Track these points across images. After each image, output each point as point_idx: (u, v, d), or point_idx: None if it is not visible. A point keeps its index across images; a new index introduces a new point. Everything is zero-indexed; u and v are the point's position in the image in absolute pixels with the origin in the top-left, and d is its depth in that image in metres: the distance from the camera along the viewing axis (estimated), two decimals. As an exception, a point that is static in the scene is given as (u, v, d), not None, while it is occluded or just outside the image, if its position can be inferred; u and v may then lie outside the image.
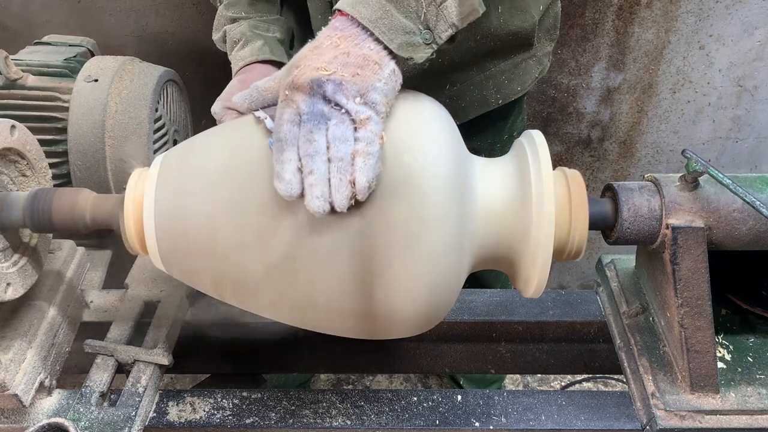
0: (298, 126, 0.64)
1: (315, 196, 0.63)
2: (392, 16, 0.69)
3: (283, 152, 0.64)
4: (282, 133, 0.64)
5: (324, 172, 0.63)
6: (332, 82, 0.64)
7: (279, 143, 0.64)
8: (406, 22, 0.70)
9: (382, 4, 0.69)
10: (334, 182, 0.63)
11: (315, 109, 0.64)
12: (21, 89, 1.12)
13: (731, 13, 1.60)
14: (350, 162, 0.63)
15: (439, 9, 0.71)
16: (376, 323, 0.70)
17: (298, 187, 0.63)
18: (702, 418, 0.79)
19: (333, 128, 0.63)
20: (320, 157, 0.63)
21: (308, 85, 0.64)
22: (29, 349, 0.81)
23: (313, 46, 0.68)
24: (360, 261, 0.65)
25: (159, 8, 1.57)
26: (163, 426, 0.83)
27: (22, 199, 0.75)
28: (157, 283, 0.98)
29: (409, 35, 0.70)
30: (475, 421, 0.83)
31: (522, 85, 1.16)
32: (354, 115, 0.64)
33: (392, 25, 0.69)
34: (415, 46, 0.71)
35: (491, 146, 1.25)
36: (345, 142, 0.63)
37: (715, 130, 1.82)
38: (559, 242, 0.73)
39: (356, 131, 0.64)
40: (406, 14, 0.70)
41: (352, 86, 0.64)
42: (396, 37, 0.69)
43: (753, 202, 0.73)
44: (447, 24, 0.71)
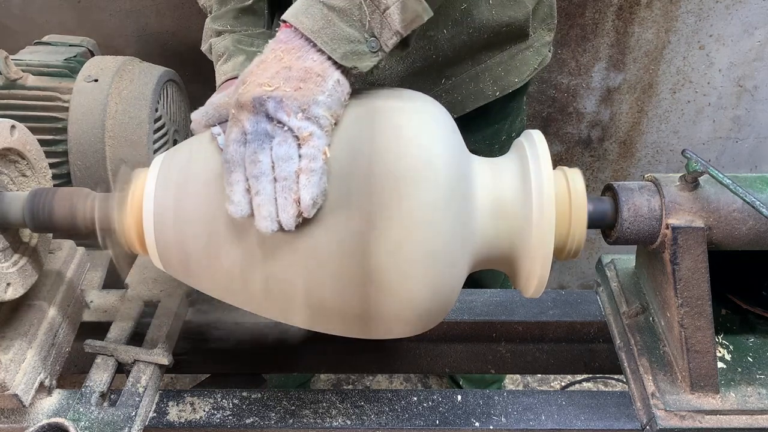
0: (243, 146, 0.66)
1: (263, 217, 0.64)
2: (335, 26, 0.69)
3: (231, 174, 0.65)
4: (229, 154, 0.66)
5: (270, 192, 0.64)
6: (273, 99, 0.65)
7: (227, 164, 0.66)
8: (350, 31, 0.69)
9: (324, 14, 0.69)
10: (280, 202, 0.64)
11: (258, 128, 0.65)
12: (21, 89, 1.13)
13: (731, 13, 1.60)
14: (295, 180, 0.64)
15: (383, 16, 0.70)
16: (376, 323, 0.70)
17: (247, 207, 0.65)
18: (702, 418, 0.79)
19: (276, 147, 0.64)
20: (266, 178, 0.64)
21: (251, 103, 0.65)
22: (29, 349, 0.81)
23: (259, 61, 0.69)
24: (360, 261, 0.65)
25: (159, 8, 1.57)
26: (163, 426, 0.83)
27: (22, 199, 0.75)
28: (157, 283, 0.98)
29: (353, 44, 0.70)
30: (475, 421, 0.83)
31: (520, 77, 1.15)
32: (297, 131, 0.64)
33: (335, 34, 0.69)
34: (360, 54, 0.70)
35: (489, 147, 1.24)
36: (288, 160, 0.64)
37: (715, 130, 1.82)
38: (559, 241, 0.74)
39: (300, 147, 0.65)
40: (350, 23, 0.69)
41: (293, 102, 0.65)
42: (339, 46, 0.69)
43: (753, 202, 0.73)
44: (392, 31, 0.71)
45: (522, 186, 0.72)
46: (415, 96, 0.75)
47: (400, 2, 0.70)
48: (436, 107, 0.74)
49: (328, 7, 0.69)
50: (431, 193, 0.66)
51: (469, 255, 0.72)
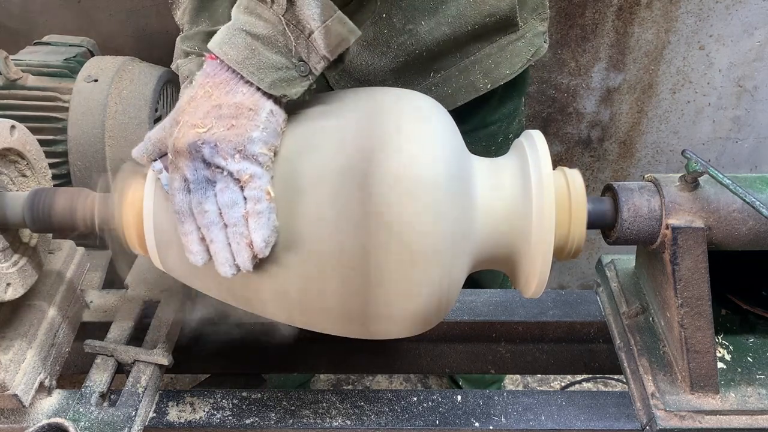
0: (188, 194, 0.66)
1: (220, 263, 0.66)
2: (260, 54, 0.67)
3: (183, 225, 0.67)
4: (177, 205, 0.67)
5: (223, 239, 0.65)
6: (208, 144, 0.64)
7: (177, 215, 0.67)
8: (276, 58, 0.68)
9: (248, 43, 0.67)
10: (234, 247, 0.65)
11: (198, 175, 0.65)
12: (21, 89, 1.13)
13: (731, 13, 1.60)
14: (244, 224, 0.65)
15: (308, 41, 0.69)
16: (376, 324, 0.70)
17: (205, 255, 0.67)
18: (702, 418, 0.79)
19: (220, 195, 0.65)
20: (216, 226, 0.65)
21: (187, 149, 0.65)
22: (29, 349, 0.81)
23: (190, 98, 0.68)
24: (360, 261, 0.65)
25: (159, 8, 1.57)
26: (163, 426, 0.83)
27: (22, 199, 0.75)
28: (157, 283, 0.98)
29: (281, 71, 0.68)
30: (475, 421, 0.83)
31: (511, 68, 1.11)
32: (237, 174, 0.65)
33: (261, 63, 0.67)
34: (289, 81, 0.69)
35: (486, 149, 1.23)
36: (234, 206, 0.65)
37: (715, 130, 1.82)
38: (559, 241, 0.74)
39: (243, 190, 0.65)
40: (276, 50, 0.68)
41: (227, 144, 0.64)
42: (267, 75, 0.67)
43: (753, 202, 0.73)
44: (318, 56, 0.69)
45: (522, 186, 0.72)
46: (414, 96, 0.75)
47: (323, 27, 0.68)
48: (436, 107, 0.74)
49: (252, 35, 0.67)
50: (431, 193, 0.66)
51: (469, 255, 0.72)
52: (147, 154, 0.72)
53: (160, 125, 0.72)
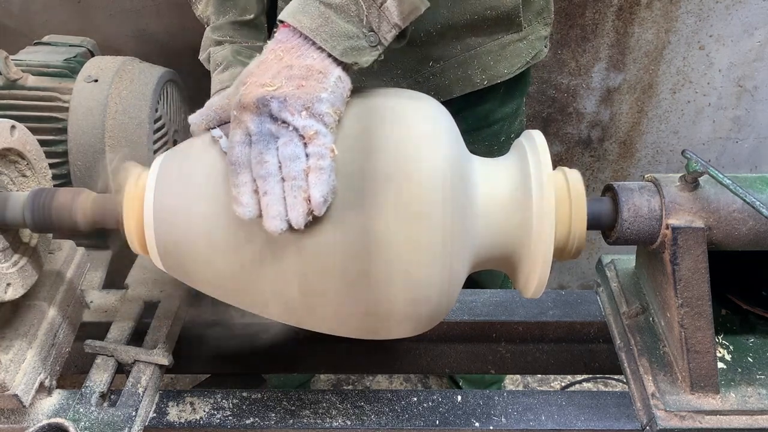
0: (248, 147, 0.65)
1: (271, 217, 0.63)
2: (333, 23, 0.69)
3: (237, 176, 0.65)
4: (234, 156, 0.65)
5: (279, 192, 0.64)
6: (276, 99, 0.64)
7: (233, 167, 0.65)
8: (348, 27, 0.70)
9: (321, 12, 0.69)
10: (290, 201, 0.63)
11: (263, 128, 0.65)
12: (21, 89, 1.12)
13: (731, 13, 1.60)
14: (304, 179, 0.64)
15: (380, 10, 0.70)
16: (376, 323, 0.70)
17: (255, 209, 0.64)
18: (702, 418, 0.79)
19: (283, 148, 0.64)
20: (273, 178, 0.64)
21: (254, 104, 0.65)
22: (29, 350, 0.81)
23: (259, 62, 0.69)
24: (361, 262, 0.65)
25: (159, 8, 1.57)
26: (163, 426, 0.83)
27: (22, 199, 0.75)
28: (157, 283, 0.98)
29: (352, 40, 0.70)
30: (475, 421, 0.83)
31: (510, 68, 1.13)
32: (302, 131, 0.64)
33: (334, 31, 0.69)
34: (359, 50, 0.70)
35: (488, 149, 1.23)
36: (296, 160, 0.64)
37: (715, 130, 1.82)
38: (559, 242, 0.74)
39: (306, 147, 0.64)
40: (348, 19, 0.70)
41: (296, 100, 0.65)
42: (339, 43, 0.69)
43: (753, 202, 0.73)
44: (390, 24, 0.71)
45: (522, 186, 0.72)
46: (416, 95, 0.75)
47: None
48: (437, 107, 0.74)
49: (325, 4, 0.69)
50: (432, 193, 0.66)
51: (469, 255, 0.72)
52: (206, 120, 0.72)
53: (223, 94, 0.72)
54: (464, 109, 1.14)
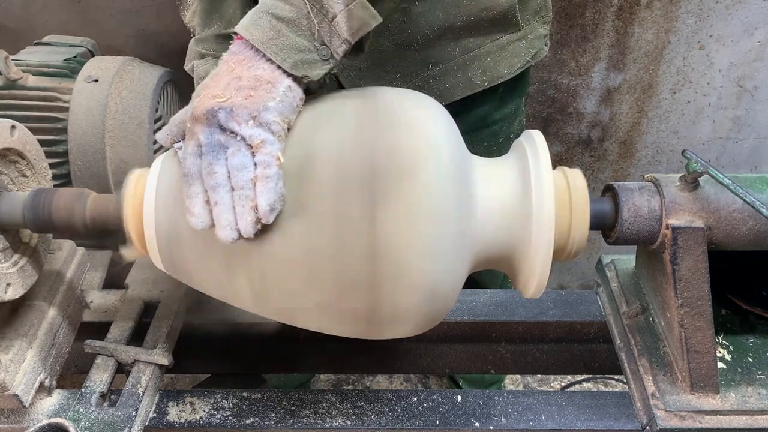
0: (200, 158, 0.66)
1: (222, 226, 0.65)
2: (284, 36, 0.70)
3: (190, 187, 0.66)
4: (186, 167, 0.67)
5: (228, 201, 0.65)
6: (224, 110, 0.65)
7: (185, 178, 0.67)
8: (299, 41, 0.70)
9: (273, 25, 0.70)
10: (239, 210, 0.65)
11: (213, 139, 0.66)
12: (21, 89, 1.12)
13: (731, 13, 1.60)
14: (252, 188, 0.64)
15: (331, 25, 0.71)
16: (376, 324, 0.70)
17: (207, 219, 0.66)
18: (702, 418, 0.79)
19: (231, 158, 0.65)
20: (223, 188, 0.65)
21: (204, 115, 0.66)
22: (29, 350, 0.81)
23: (214, 74, 0.70)
24: (361, 262, 0.65)
25: (159, 8, 1.57)
26: (163, 426, 0.83)
27: (22, 199, 0.75)
28: (157, 283, 0.98)
29: (303, 53, 0.70)
30: (475, 421, 0.83)
31: (510, 69, 1.12)
32: (249, 140, 0.65)
33: (284, 44, 0.70)
34: (310, 63, 0.71)
35: (488, 149, 1.23)
36: (243, 169, 0.65)
37: (715, 130, 1.82)
38: (559, 242, 0.74)
39: (254, 156, 0.65)
40: (299, 33, 0.70)
41: (243, 110, 0.65)
42: (289, 56, 0.70)
43: (753, 202, 0.73)
44: (340, 40, 0.72)
45: (522, 186, 0.72)
46: (417, 96, 0.75)
47: (346, 11, 0.71)
48: (437, 107, 0.74)
49: (277, 18, 0.70)
50: (432, 193, 0.66)
51: (469, 255, 0.72)
52: (171, 135, 0.73)
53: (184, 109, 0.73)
54: (463, 110, 1.14)
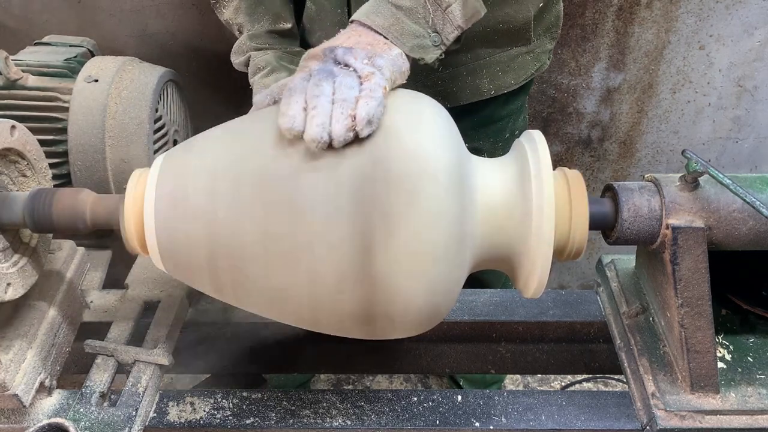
0: (307, 81, 0.68)
1: (315, 125, 0.64)
2: (403, 23, 0.78)
3: (291, 97, 0.67)
4: (293, 84, 0.68)
5: (327, 109, 0.65)
6: (342, 47, 0.70)
7: (288, 91, 0.68)
8: (415, 27, 0.78)
9: (393, 13, 0.78)
10: (336, 115, 0.65)
11: (325, 68, 0.69)
12: (21, 89, 1.12)
13: (731, 13, 1.60)
14: (353, 102, 0.66)
15: (445, 13, 0.80)
16: (376, 323, 0.70)
17: (301, 122, 0.65)
18: (702, 418, 0.79)
19: (339, 78, 0.68)
20: (325, 98, 0.66)
21: (321, 52, 0.71)
22: (29, 349, 0.81)
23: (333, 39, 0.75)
24: (362, 262, 0.65)
25: (159, 8, 1.57)
26: (163, 426, 0.83)
27: (22, 199, 0.75)
28: (157, 283, 0.98)
29: (419, 39, 0.79)
30: (475, 421, 0.83)
31: (516, 79, 1.17)
32: (360, 71, 0.69)
33: (403, 30, 0.78)
34: (425, 48, 0.79)
35: (493, 145, 1.25)
36: (349, 88, 0.67)
37: (715, 130, 1.82)
38: (559, 242, 0.73)
39: (361, 84, 0.68)
40: (415, 20, 0.79)
41: (361, 51, 0.71)
42: (407, 41, 0.77)
43: (753, 202, 0.73)
44: (453, 26, 0.81)
45: (522, 187, 0.72)
46: (415, 95, 0.75)
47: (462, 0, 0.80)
48: (437, 107, 0.74)
49: (397, 6, 0.78)
50: (433, 195, 0.66)
51: (470, 255, 0.72)
52: (272, 95, 0.76)
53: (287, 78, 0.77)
54: (470, 108, 1.16)
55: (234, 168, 0.68)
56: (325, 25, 1.10)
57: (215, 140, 0.73)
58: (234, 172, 0.68)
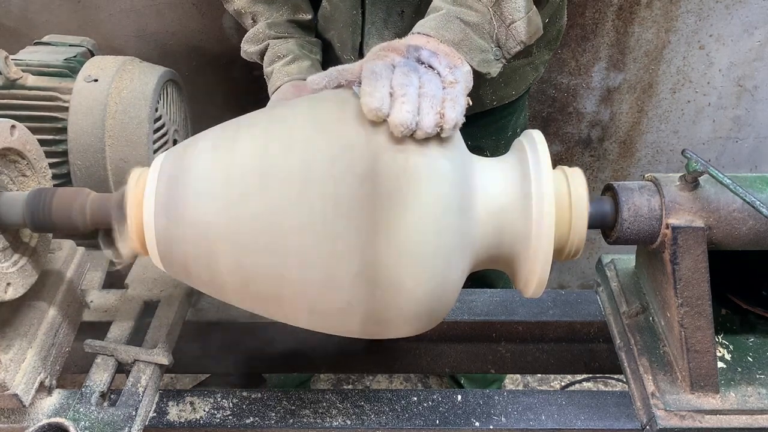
0: (391, 70, 0.68)
1: (404, 110, 0.64)
2: (471, 39, 0.80)
3: (377, 81, 0.66)
4: (377, 68, 0.67)
5: (415, 99, 0.65)
6: (428, 50, 0.71)
7: (373, 74, 0.66)
8: (481, 42, 0.81)
9: (462, 28, 0.80)
10: (425, 108, 0.65)
11: (409, 63, 0.69)
12: (21, 89, 1.12)
13: (731, 13, 1.60)
14: (441, 100, 0.66)
15: (509, 29, 0.83)
16: (376, 323, 0.70)
17: (388, 104, 0.65)
18: (702, 417, 0.79)
19: (424, 75, 0.68)
20: (413, 89, 0.66)
21: (405, 48, 0.71)
22: (29, 349, 0.81)
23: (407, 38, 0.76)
24: (363, 262, 0.65)
25: (159, 8, 1.57)
26: (163, 426, 0.83)
27: (22, 199, 0.75)
28: (157, 283, 0.98)
29: (484, 53, 0.81)
30: (475, 420, 0.83)
31: (517, 90, 1.20)
32: (443, 77, 0.69)
33: (472, 45, 0.80)
34: (489, 62, 0.82)
35: (495, 143, 1.26)
36: (437, 88, 0.67)
37: (715, 130, 1.82)
38: (559, 242, 0.73)
39: (444, 89, 0.68)
40: (481, 35, 0.81)
41: (446, 58, 0.72)
42: (475, 56, 0.80)
43: (753, 202, 0.73)
44: (516, 42, 0.84)
45: (522, 186, 0.72)
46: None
47: (526, 17, 0.83)
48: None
49: (465, 22, 0.80)
50: (434, 195, 0.66)
51: (470, 255, 0.72)
52: (328, 78, 0.74)
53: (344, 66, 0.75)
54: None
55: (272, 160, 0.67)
56: (338, 26, 1.10)
57: (215, 140, 0.73)
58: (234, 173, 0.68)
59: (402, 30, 1.06)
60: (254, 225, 0.66)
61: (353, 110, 0.68)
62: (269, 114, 0.74)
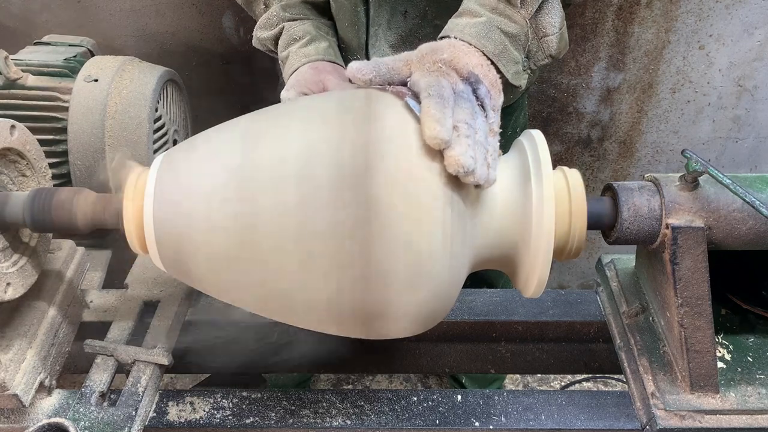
0: (454, 97, 0.67)
1: (469, 155, 0.64)
2: (509, 51, 0.80)
3: (444, 107, 0.65)
4: (444, 90, 0.67)
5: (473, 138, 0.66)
6: (484, 86, 0.70)
7: (441, 99, 0.66)
8: (515, 54, 0.81)
9: (501, 40, 0.80)
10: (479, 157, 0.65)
11: (466, 94, 0.69)
12: (21, 89, 1.12)
13: (731, 13, 1.60)
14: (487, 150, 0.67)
15: (540, 42, 0.85)
16: (376, 323, 0.70)
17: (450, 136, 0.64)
18: (702, 417, 0.79)
19: (479, 120, 0.68)
20: (472, 130, 0.66)
21: (467, 72, 0.70)
22: (29, 349, 0.81)
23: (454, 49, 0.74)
24: (359, 261, 0.65)
25: (159, 8, 1.57)
26: (163, 426, 0.83)
27: (22, 199, 0.75)
28: (157, 283, 0.98)
29: (517, 65, 0.81)
30: (475, 420, 0.83)
31: (515, 94, 1.20)
32: (491, 123, 0.70)
33: (509, 57, 0.80)
34: (519, 74, 0.82)
35: None
36: (485, 135, 0.68)
37: (715, 130, 1.82)
38: (559, 242, 0.74)
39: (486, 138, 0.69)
40: (516, 47, 0.82)
41: (496, 98, 0.72)
42: (510, 68, 0.80)
43: (753, 202, 0.73)
44: (545, 55, 0.85)
45: (522, 186, 0.72)
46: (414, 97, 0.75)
47: (559, 33, 0.86)
48: None
49: (504, 33, 0.80)
50: (433, 193, 0.66)
51: (469, 255, 0.72)
52: (377, 73, 0.72)
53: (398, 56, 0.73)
54: None
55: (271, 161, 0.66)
56: (343, 25, 1.09)
57: (216, 140, 0.72)
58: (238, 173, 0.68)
59: (405, 31, 1.05)
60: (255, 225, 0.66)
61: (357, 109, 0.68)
62: (269, 114, 0.74)
